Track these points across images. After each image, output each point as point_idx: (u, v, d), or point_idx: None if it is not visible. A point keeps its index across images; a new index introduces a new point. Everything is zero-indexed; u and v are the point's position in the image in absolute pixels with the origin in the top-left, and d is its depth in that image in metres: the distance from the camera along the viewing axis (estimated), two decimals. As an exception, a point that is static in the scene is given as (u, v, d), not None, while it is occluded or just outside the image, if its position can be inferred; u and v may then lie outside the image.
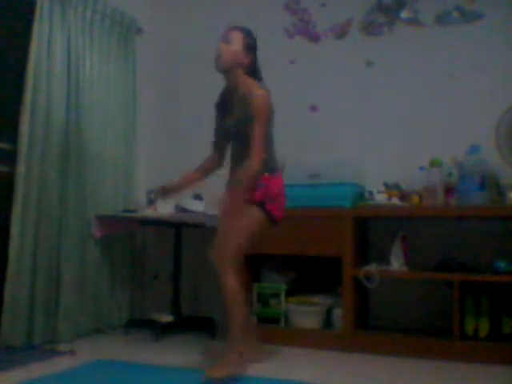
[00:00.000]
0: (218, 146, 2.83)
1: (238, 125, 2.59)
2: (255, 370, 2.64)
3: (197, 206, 3.45)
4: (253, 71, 2.64)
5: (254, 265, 3.44)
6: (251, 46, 2.62)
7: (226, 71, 2.60)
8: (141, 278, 3.94)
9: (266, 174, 2.60)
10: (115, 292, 3.64)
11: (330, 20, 3.71)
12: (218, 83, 2.74)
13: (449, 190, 3.12)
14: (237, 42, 2.58)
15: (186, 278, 3.70)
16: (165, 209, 3.42)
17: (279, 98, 3.77)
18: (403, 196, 3.25)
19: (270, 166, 2.62)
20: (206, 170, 2.88)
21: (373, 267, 3.08)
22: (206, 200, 3.57)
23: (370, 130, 3.53)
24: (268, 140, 2.61)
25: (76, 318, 3.25)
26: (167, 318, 3.39)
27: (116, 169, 3.67)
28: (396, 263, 3.11)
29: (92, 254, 3.42)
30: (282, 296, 3.28)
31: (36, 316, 3.04)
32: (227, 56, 2.56)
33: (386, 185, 3.30)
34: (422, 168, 3.23)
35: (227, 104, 2.69)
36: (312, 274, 3.50)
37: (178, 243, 3.60)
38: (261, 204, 2.57)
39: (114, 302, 3.63)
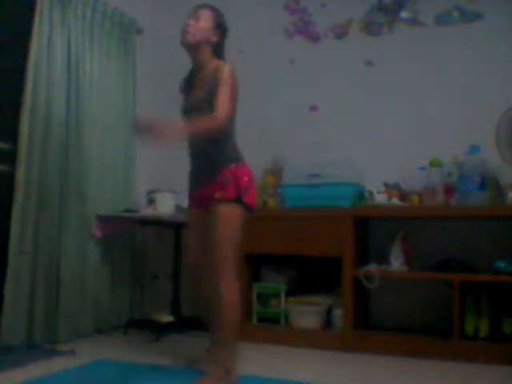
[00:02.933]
0: None
1: (200, 103, 2.42)
2: (255, 369, 2.64)
3: (197, 206, 3.45)
4: (219, 51, 2.56)
5: (254, 265, 3.44)
6: (220, 25, 2.55)
7: (193, 47, 2.50)
8: (141, 278, 3.94)
9: (232, 165, 2.41)
10: (115, 292, 3.64)
11: (330, 20, 3.71)
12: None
13: (449, 190, 3.12)
14: (206, 20, 2.50)
15: (186, 278, 3.70)
16: (165, 208, 3.42)
17: (279, 98, 3.81)
18: (403, 196, 3.25)
19: (233, 156, 2.45)
20: None
21: (373, 267, 3.08)
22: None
23: (370, 129, 3.53)
24: (231, 127, 2.46)
25: (76, 318, 3.25)
26: (167, 318, 3.39)
27: (116, 169, 3.67)
28: (396, 263, 3.11)
29: (92, 254, 3.42)
30: (282, 296, 3.28)
31: (36, 316, 3.04)
32: (195, 31, 2.47)
33: (385, 185, 3.30)
34: (422, 168, 3.23)
35: (191, 83, 2.58)
36: (312, 274, 3.51)
37: (178, 243, 3.60)
38: (237, 199, 2.37)
39: (114, 302, 3.62)
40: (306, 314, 3.22)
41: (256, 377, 2.55)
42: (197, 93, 2.49)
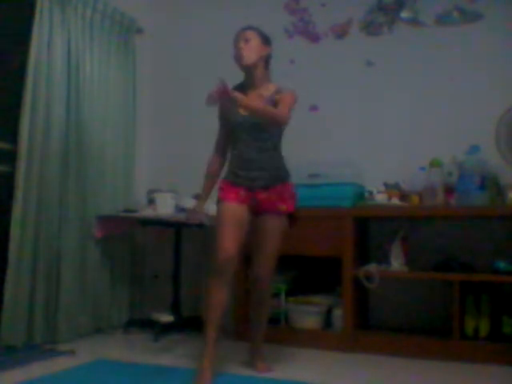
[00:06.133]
0: (223, 144, 2.73)
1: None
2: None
3: (197, 206, 3.45)
4: (269, 62, 2.73)
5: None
6: (266, 38, 2.70)
7: (251, 67, 2.62)
8: (141, 278, 3.94)
9: (291, 181, 2.69)
10: (115, 292, 3.64)
11: (330, 20, 3.71)
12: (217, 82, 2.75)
13: (449, 190, 3.12)
14: (254, 38, 2.64)
15: (185, 278, 3.70)
16: (165, 209, 3.42)
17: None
18: (403, 196, 3.25)
19: (289, 173, 2.70)
20: (216, 177, 2.75)
21: (373, 267, 3.08)
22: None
23: (369, 129, 3.53)
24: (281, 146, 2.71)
25: (76, 318, 3.25)
26: (167, 318, 3.39)
27: (116, 169, 3.67)
28: (396, 263, 3.11)
29: (92, 254, 3.42)
30: (282, 296, 3.28)
31: (36, 316, 3.04)
32: (249, 52, 2.60)
33: (385, 185, 3.30)
34: (422, 168, 3.23)
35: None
36: (312, 274, 3.50)
37: (178, 243, 3.60)
38: (291, 213, 2.65)
39: (114, 302, 3.63)
40: (306, 313, 3.21)
41: (256, 377, 2.55)
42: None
